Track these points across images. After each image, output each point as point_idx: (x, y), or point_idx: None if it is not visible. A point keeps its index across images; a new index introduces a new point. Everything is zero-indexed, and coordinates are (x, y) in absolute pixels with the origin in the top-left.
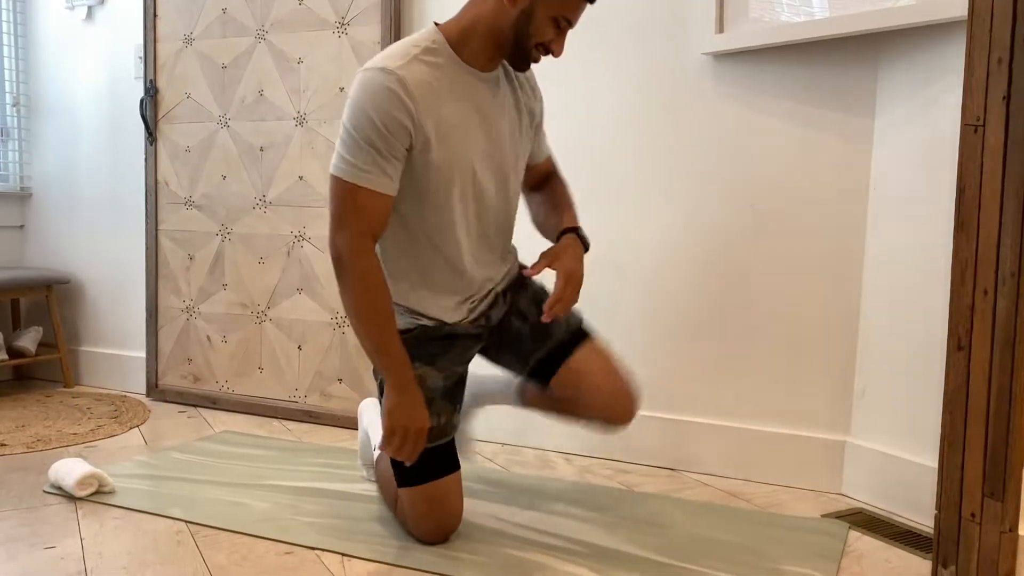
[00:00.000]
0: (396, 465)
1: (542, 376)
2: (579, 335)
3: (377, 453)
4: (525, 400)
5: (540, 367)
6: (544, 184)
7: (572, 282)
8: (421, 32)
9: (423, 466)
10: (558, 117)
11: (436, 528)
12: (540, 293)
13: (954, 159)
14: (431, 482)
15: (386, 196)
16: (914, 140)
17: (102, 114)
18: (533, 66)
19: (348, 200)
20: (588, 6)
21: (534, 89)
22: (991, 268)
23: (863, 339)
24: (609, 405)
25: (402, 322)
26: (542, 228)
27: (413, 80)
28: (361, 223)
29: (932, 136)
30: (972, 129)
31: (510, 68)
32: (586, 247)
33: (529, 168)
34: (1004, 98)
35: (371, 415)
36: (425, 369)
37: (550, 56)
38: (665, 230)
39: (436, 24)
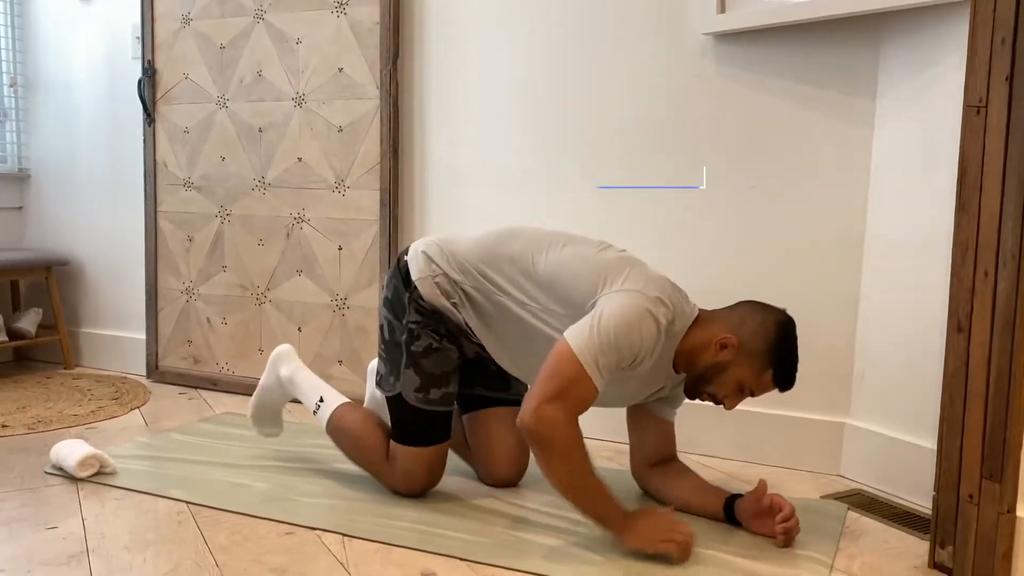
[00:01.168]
0: (402, 427)
1: (466, 406)
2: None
3: (321, 410)
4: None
5: (472, 400)
6: (673, 465)
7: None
8: (687, 311)
9: (429, 432)
10: (561, 100)
11: (422, 486)
12: None
13: (956, 140)
14: (431, 447)
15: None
16: (915, 121)
17: (100, 94)
18: None
19: (578, 387)
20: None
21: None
22: (992, 250)
23: (863, 321)
24: (491, 464)
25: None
26: (683, 502)
27: (662, 342)
28: (579, 407)
29: (934, 117)
30: (974, 110)
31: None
32: None
33: (653, 424)
34: (1007, 79)
35: (294, 374)
36: (450, 347)
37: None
38: (664, 210)
39: (700, 312)
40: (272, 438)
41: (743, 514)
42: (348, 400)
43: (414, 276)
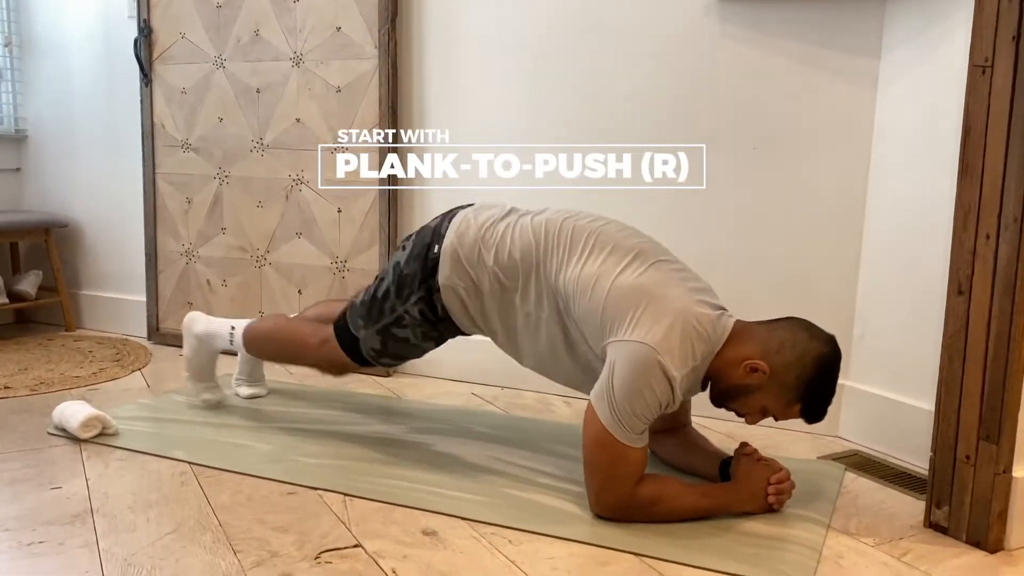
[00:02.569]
0: (345, 344)
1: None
2: None
3: (235, 336)
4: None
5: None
6: (681, 430)
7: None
8: (718, 332)
9: (364, 362)
10: (563, 59)
11: (342, 374)
12: None
13: (960, 101)
14: (360, 365)
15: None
16: (920, 81)
17: (96, 54)
18: None
19: (625, 463)
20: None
21: None
22: (994, 213)
23: (863, 283)
24: None
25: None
26: (685, 464)
27: (679, 385)
28: (634, 475)
29: (938, 77)
30: (980, 70)
31: None
32: None
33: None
34: (1014, 38)
35: (207, 326)
36: (428, 345)
37: None
38: (665, 171)
39: (737, 323)
40: (214, 407)
41: (736, 475)
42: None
43: (441, 279)
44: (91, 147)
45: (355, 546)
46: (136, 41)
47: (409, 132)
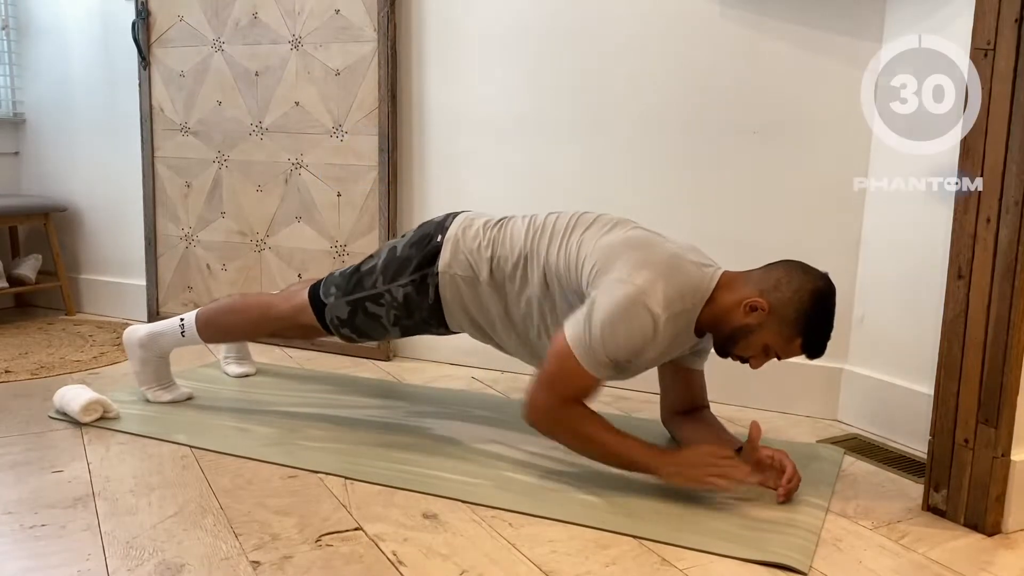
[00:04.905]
0: (316, 308)
1: None
2: None
3: (187, 327)
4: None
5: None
6: (698, 413)
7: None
8: (702, 277)
9: (327, 331)
10: (563, 44)
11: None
12: None
13: (962, 84)
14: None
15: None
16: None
17: (94, 37)
18: None
19: (574, 380)
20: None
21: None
22: (995, 196)
23: (863, 266)
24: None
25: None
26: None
27: (663, 325)
28: (575, 394)
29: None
30: (982, 53)
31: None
32: None
33: (678, 373)
34: (1016, 21)
35: (150, 329)
36: (394, 331)
37: None
38: (665, 155)
39: (728, 272)
40: (185, 399)
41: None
42: None
43: (441, 266)
44: (90, 131)
45: (356, 529)
46: (134, 24)
47: (408, 116)
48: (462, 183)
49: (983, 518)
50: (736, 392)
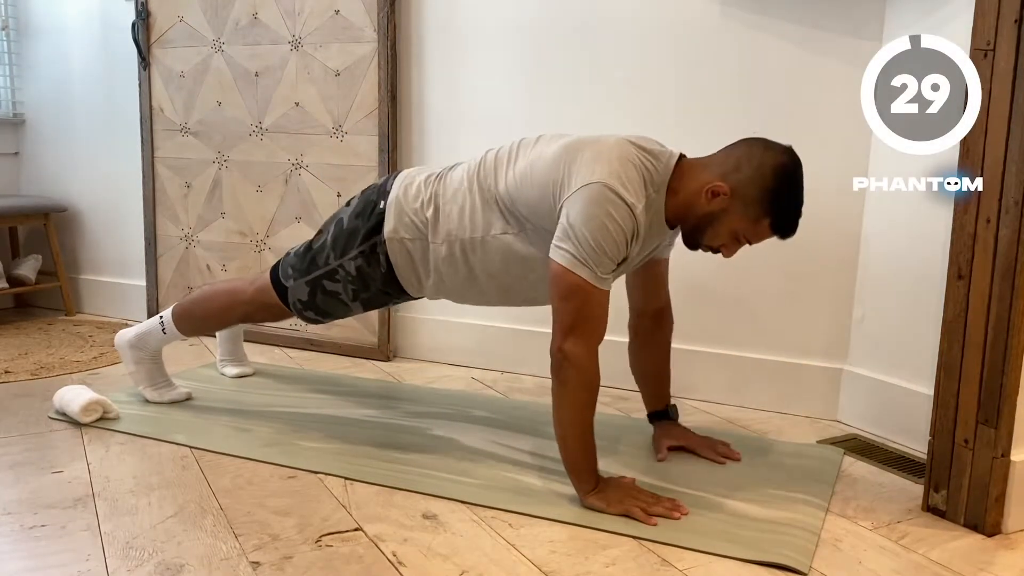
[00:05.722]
0: (279, 291)
1: None
2: None
3: (166, 323)
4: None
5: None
6: (659, 334)
7: (710, 444)
8: (662, 161)
9: (321, 314)
10: (562, 44)
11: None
12: None
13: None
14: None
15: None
16: None
17: (94, 37)
18: None
19: (591, 301)
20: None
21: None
22: (995, 196)
23: (863, 267)
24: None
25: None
26: (641, 376)
27: (640, 215)
28: (599, 325)
29: None
30: (982, 53)
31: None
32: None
33: (652, 266)
34: (1016, 21)
35: (136, 330)
36: (355, 306)
37: None
38: None
39: (681, 157)
40: (184, 399)
41: (658, 439)
42: None
43: (387, 232)
44: (89, 131)
45: (356, 530)
46: (134, 24)
47: (408, 116)
48: None
49: (983, 518)
50: (738, 393)
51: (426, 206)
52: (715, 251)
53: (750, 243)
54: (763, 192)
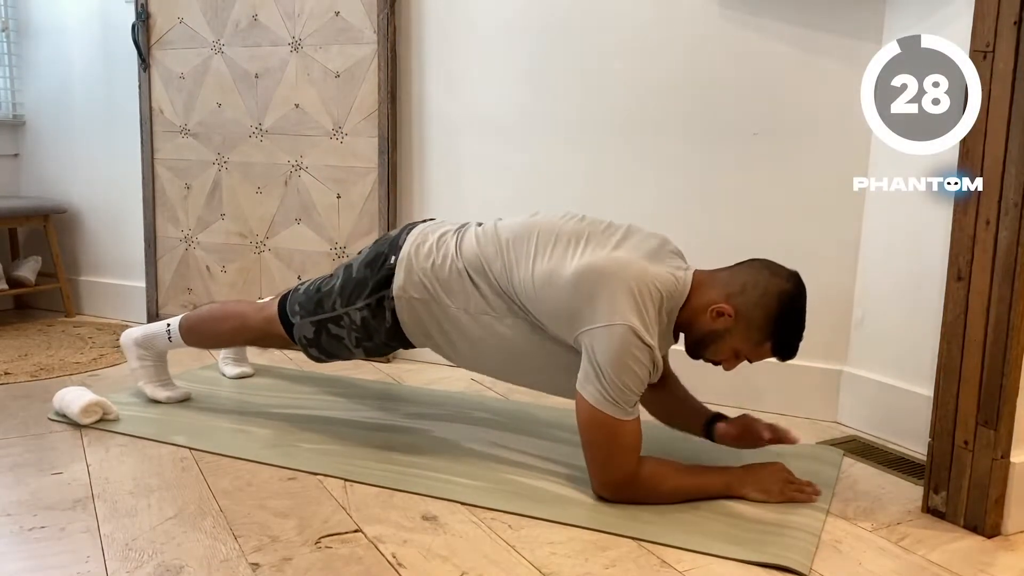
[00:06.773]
0: (285, 324)
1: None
2: None
3: (172, 332)
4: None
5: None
6: (668, 383)
7: (771, 429)
8: (679, 287)
9: (325, 354)
10: (562, 45)
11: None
12: None
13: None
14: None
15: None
16: None
17: (94, 39)
18: None
19: (623, 437)
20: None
21: None
22: (994, 198)
23: (863, 267)
24: None
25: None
26: (668, 415)
27: (657, 349)
28: (633, 452)
29: None
30: (981, 55)
31: None
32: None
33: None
34: (1015, 23)
35: (143, 331)
36: (357, 352)
37: None
38: (666, 157)
39: (697, 273)
40: (183, 399)
41: (724, 437)
42: None
43: (395, 290)
44: (89, 133)
45: (355, 531)
46: (134, 26)
47: (408, 118)
48: (462, 185)
49: (983, 520)
50: (738, 394)
51: (438, 269)
52: (716, 364)
53: (750, 361)
54: (766, 318)
